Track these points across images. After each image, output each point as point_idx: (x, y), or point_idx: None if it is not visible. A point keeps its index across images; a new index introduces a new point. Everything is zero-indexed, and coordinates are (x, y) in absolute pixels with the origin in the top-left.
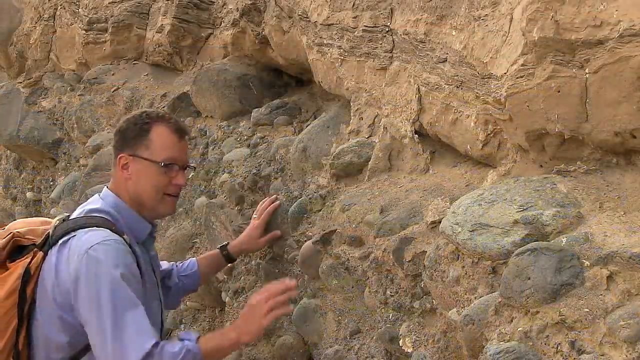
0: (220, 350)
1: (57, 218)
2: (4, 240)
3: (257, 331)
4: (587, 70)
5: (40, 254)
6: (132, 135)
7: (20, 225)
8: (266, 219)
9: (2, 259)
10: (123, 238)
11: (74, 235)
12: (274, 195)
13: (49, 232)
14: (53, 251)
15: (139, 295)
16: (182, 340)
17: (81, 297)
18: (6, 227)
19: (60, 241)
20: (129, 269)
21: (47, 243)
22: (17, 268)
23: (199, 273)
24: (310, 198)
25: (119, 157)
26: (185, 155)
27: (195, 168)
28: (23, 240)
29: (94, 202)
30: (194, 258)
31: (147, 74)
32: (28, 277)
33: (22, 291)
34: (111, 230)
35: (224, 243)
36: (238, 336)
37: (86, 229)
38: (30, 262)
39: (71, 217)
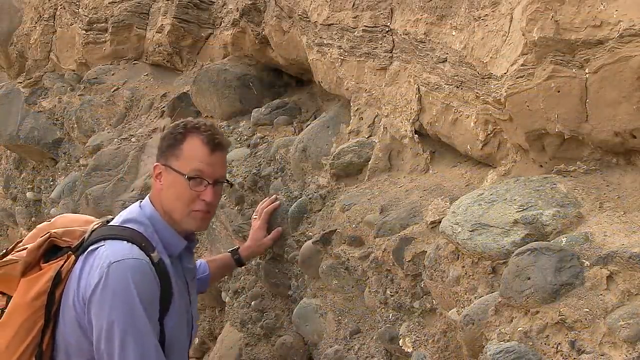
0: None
1: (96, 222)
2: (40, 239)
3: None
4: (587, 70)
5: (72, 257)
6: (167, 144)
7: (64, 222)
8: (266, 219)
9: (36, 259)
10: (151, 257)
11: (103, 245)
12: (274, 196)
13: (84, 237)
14: (82, 257)
15: (152, 323)
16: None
17: (93, 307)
18: (52, 221)
19: (90, 248)
20: (146, 296)
21: (82, 247)
22: (50, 270)
23: (209, 277)
24: (310, 198)
25: (154, 165)
26: (218, 170)
27: (232, 185)
28: (59, 241)
29: (133, 211)
30: (204, 261)
31: (147, 74)
32: (59, 280)
33: (52, 293)
34: (141, 246)
35: (234, 247)
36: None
37: (116, 241)
38: (62, 265)
39: (110, 224)
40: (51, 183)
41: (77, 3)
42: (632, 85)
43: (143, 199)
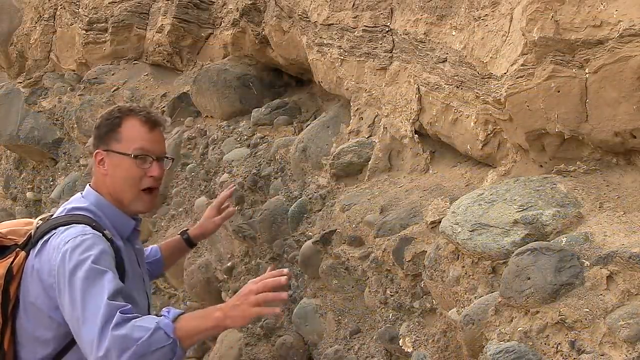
0: (200, 331)
1: (39, 218)
2: None
3: (241, 320)
4: (587, 70)
5: (22, 253)
6: (105, 130)
7: (4, 226)
8: (220, 200)
9: None
10: (103, 234)
11: (54, 233)
12: (233, 182)
13: (31, 232)
14: (35, 250)
15: (114, 272)
16: (159, 316)
17: (62, 290)
18: None
19: (42, 240)
20: (105, 258)
21: (30, 243)
22: (0, 268)
23: (162, 260)
24: (310, 198)
25: (95, 153)
26: (160, 146)
27: (173, 159)
28: (5, 240)
29: (76, 201)
30: (157, 245)
31: (147, 74)
32: (10, 277)
33: (5, 291)
34: (91, 226)
35: (184, 229)
36: (223, 317)
37: (65, 226)
38: (12, 262)
39: (53, 217)
40: (51, 183)
41: (77, 3)
42: (632, 85)
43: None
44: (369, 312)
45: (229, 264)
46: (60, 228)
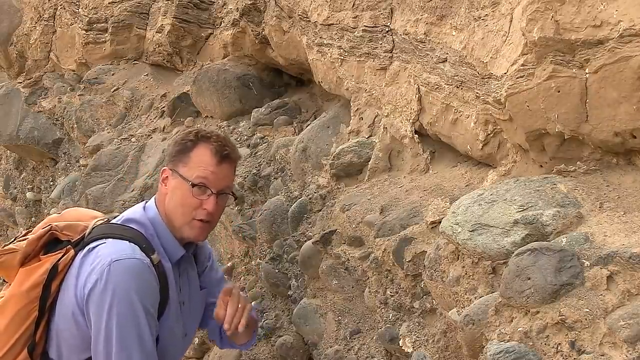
0: None
1: (98, 219)
2: (41, 231)
3: None
4: (587, 70)
5: (72, 252)
6: (177, 150)
7: (72, 216)
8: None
9: (36, 250)
10: (151, 258)
11: (104, 243)
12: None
13: (86, 232)
14: (81, 253)
15: (151, 327)
16: None
17: (92, 305)
18: (62, 213)
19: (91, 245)
20: (146, 297)
21: (82, 243)
22: (47, 262)
23: None
24: (310, 198)
25: (162, 170)
26: (223, 181)
27: (236, 197)
28: (60, 234)
29: (135, 211)
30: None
31: (147, 74)
32: (55, 273)
33: (47, 286)
34: (142, 247)
35: None
36: None
37: (117, 240)
38: (60, 258)
39: (112, 222)
40: (51, 183)
41: (77, 3)
42: (632, 85)
43: (142, 199)
44: (369, 312)
45: (228, 264)
46: (111, 240)
